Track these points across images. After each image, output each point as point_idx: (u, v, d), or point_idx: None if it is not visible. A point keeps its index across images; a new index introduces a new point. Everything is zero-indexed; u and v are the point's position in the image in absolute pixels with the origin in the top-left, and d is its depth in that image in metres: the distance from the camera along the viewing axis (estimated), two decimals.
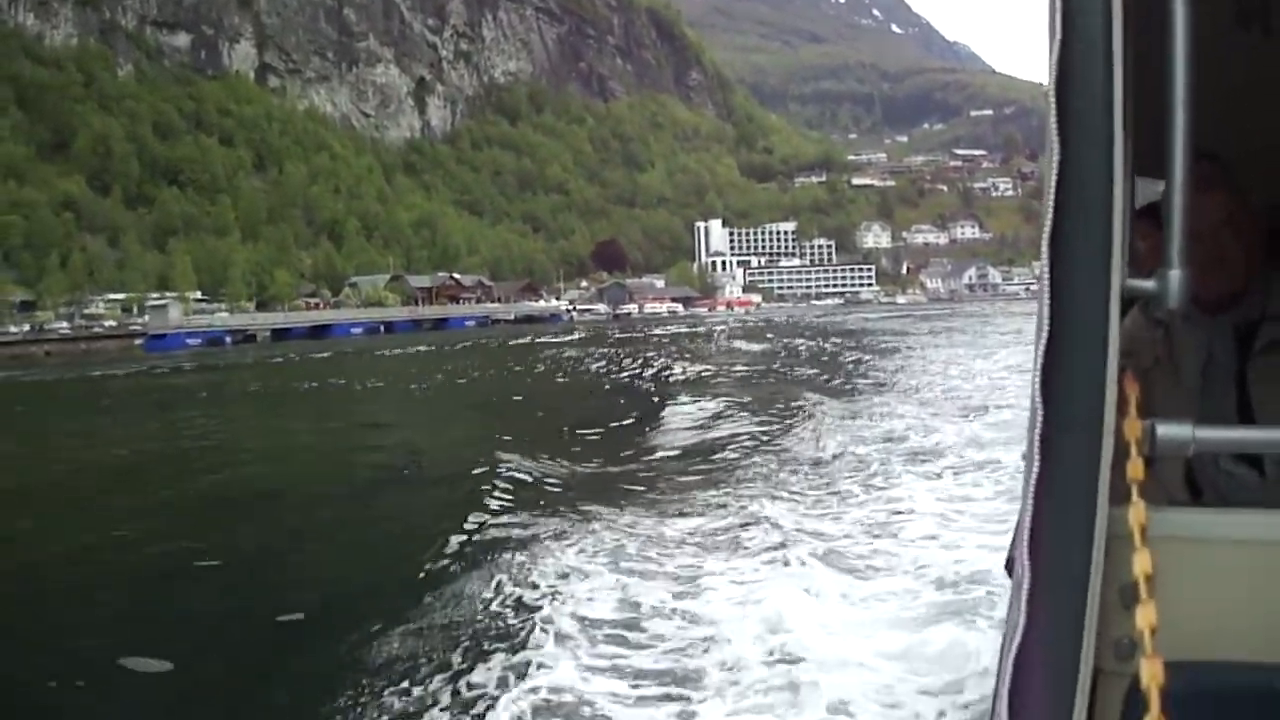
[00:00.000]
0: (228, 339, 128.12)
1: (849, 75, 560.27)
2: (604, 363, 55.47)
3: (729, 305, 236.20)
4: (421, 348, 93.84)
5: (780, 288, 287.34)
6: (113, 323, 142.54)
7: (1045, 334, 1.75)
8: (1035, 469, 1.78)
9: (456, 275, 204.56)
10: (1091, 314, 1.77)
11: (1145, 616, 1.67)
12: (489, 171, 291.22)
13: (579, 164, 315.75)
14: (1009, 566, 3.02)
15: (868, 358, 48.57)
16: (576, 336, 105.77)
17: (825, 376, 37.41)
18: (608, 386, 40.95)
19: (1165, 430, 1.93)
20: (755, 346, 65.89)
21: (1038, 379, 1.75)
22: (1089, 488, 1.78)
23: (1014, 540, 3.08)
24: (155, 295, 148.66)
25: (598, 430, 24.35)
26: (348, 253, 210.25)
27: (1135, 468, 1.87)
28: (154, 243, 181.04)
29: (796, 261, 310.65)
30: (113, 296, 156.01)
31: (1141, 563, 1.73)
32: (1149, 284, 1.93)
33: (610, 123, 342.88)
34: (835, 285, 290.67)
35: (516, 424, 27.29)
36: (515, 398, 37.88)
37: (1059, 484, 1.79)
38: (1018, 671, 1.72)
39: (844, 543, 10.71)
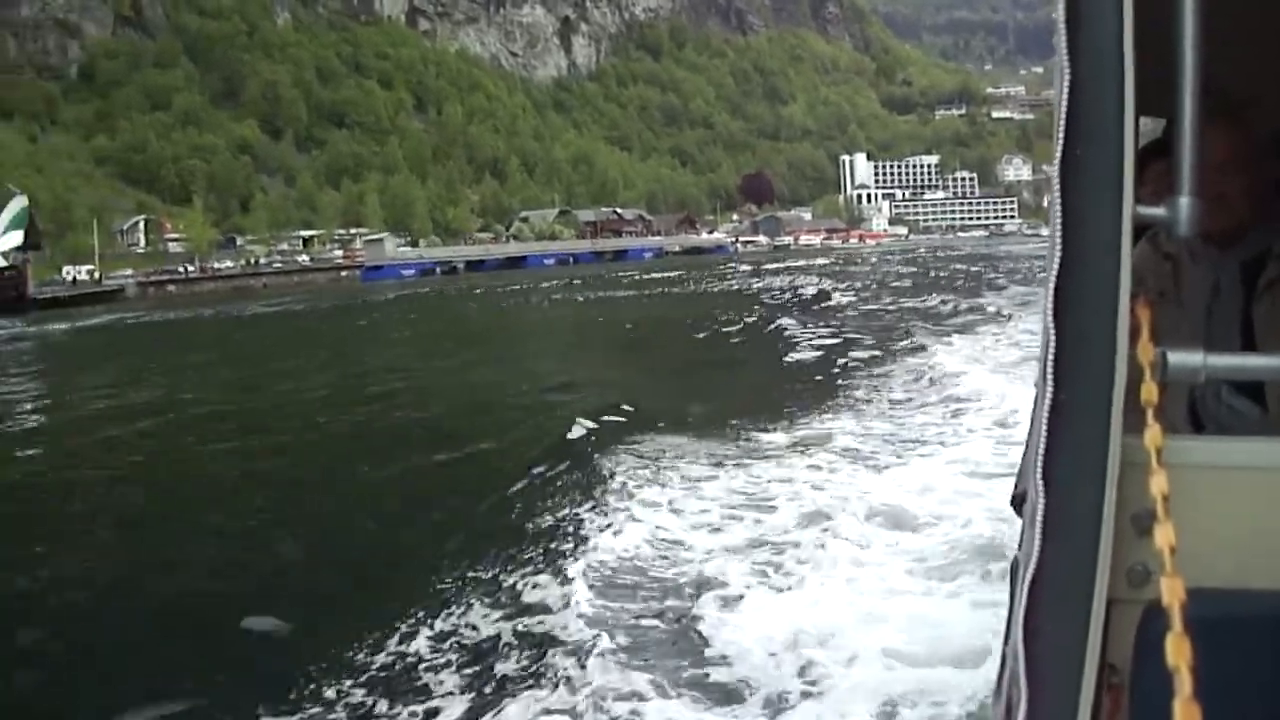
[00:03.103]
0: (438, 269, 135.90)
1: (983, 4, 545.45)
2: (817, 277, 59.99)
3: (875, 238, 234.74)
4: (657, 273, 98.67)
5: (925, 220, 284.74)
6: (341, 254, 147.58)
7: (1057, 259, 1.77)
8: (1048, 395, 1.79)
9: (618, 210, 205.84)
10: (1104, 239, 1.78)
11: (1164, 536, 1.64)
12: (635, 107, 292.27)
13: (722, 98, 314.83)
14: (1015, 503, 2.99)
15: None
16: (787, 265, 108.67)
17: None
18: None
19: (1176, 357, 1.93)
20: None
21: (1050, 304, 1.77)
22: (1102, 413, 1.79)
23: (1019, 475, 3.19)
24: (341, 230, 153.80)
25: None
26: (511, 189, 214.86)
27: (1149, 391, 1.87)
28: (328, 182, 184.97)
29: (940, 194, 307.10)
30: (303, 233, 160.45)
31: (1159, 484, 1.71)
32: (1159, 211, 1.93)
33: (751, 56, 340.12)
34: (979, 218, 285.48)
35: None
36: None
37: (1072, 410, 1.79)
38: (1032, 600, 1.72)
39: None
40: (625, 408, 17.57)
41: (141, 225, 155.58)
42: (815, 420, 16.17)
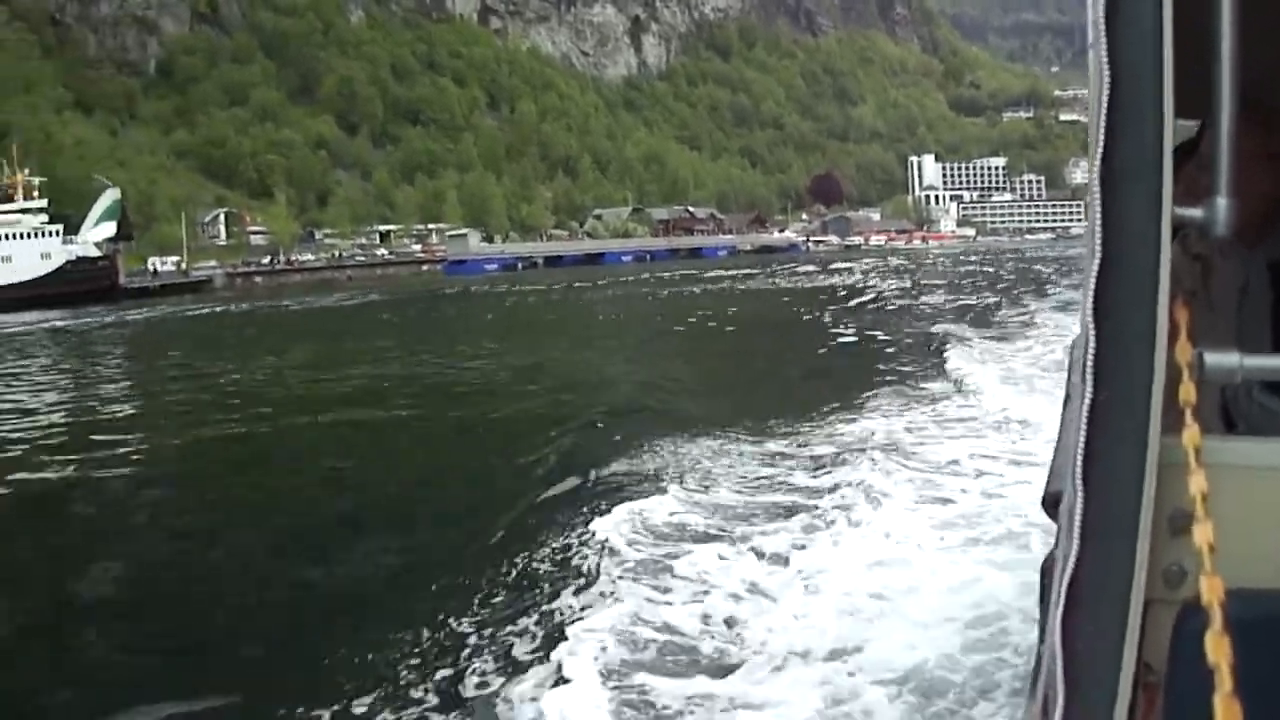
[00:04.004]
0: (519, 264, 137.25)
1: (1049, 5, 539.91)
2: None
3: (939, 239, 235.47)
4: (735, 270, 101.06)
5: (992, 222, 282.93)
6: (419, 248, 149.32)
7: (1097, 259, 1.76)
8: (1087, 395, 1.78)
9: (690, 208, 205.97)
10: (1143, 241, 1.77)
11: (1204, 535, 1.64)
12: (705, 107, 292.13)
13: (791, 99, 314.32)
14: (1046, 503, 2.97)
15: None
16: (854, 265, 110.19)
17: None
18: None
19: (1213, 358, 1.92)
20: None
21: (1089, 305, 1.75)
22: (1141, 413, 1.78)
23: (1050, 476, 3.16)
24: (419, 226, 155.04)
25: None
26: (583, 186, 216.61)
27: (1188, 391, 1.85)
28: (404, 178, 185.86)
29: (1008, 196, 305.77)
30: (381, 228, 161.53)
31: (1198, 483, 1.70)
32: (1195, 212, 1.91)
33: (820, 57, 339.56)
34: (1046, 220, 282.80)
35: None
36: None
37: (1111, 410, 1.78)
38: (1071, 599, 1.72)
39: None
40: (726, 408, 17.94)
41: (222, 218, 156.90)
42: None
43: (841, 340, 30.42)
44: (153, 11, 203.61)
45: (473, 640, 7.88)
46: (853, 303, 49.02)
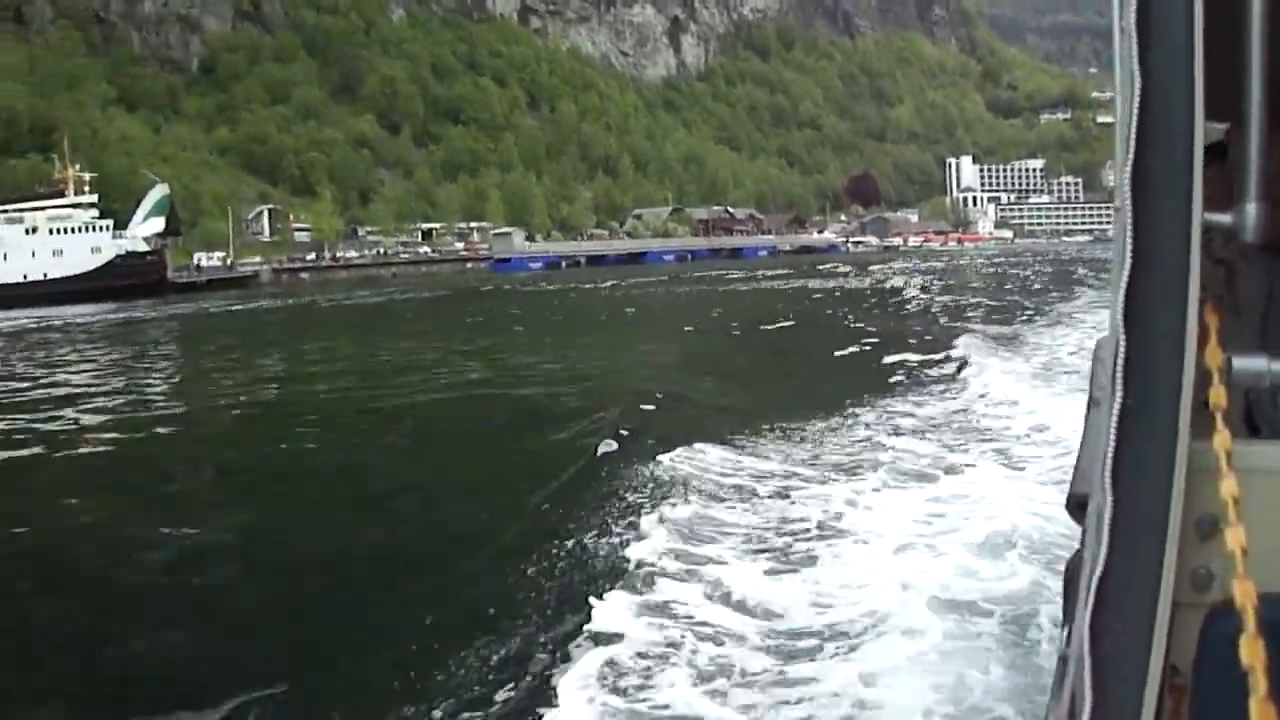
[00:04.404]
0: (563, 263, 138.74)
1: (1087, 6, 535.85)
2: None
3: (974, 240, 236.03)
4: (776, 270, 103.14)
5: (1030, 224, 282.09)
6: (462, 246, 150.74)
7: (1128, 265, 1.75)
8: (1117, 399, 1.78)
9: (730, 208, 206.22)
10: (1174, 245, 1.76)
11: (1235, 539, 1.64)
12: (744, 107, 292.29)
13: (829, 99, 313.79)
14: (1071, 507, 2.95)
15: None
16: (894, 265, 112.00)
17: None
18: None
19: (1241, 362, 1.91)
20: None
21: (1120, 309, 1.75)
22: (1171, 417, 1.78)
23: (1074, 479, 3.16)
24: (461, 224, 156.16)
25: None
26: (623, 186, 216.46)
27: (1218, 395, 1.85)
28: (445, 177, 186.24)
29: (1045, 198, 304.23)
30: (424, 225, 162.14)
31: (1229, 487, 1.69)
32: (1224, 217, 1.89)
33: (858, 58, 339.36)
34: (1083, 222, 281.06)
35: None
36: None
37: (1141, 414, 1.78)
38: (1099, 601, 1.72)
39: None
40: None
41: (265, 214, 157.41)
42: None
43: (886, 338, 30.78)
44: (196, 9, 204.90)
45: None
46: (901, 302, 50.70)
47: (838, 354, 27.68)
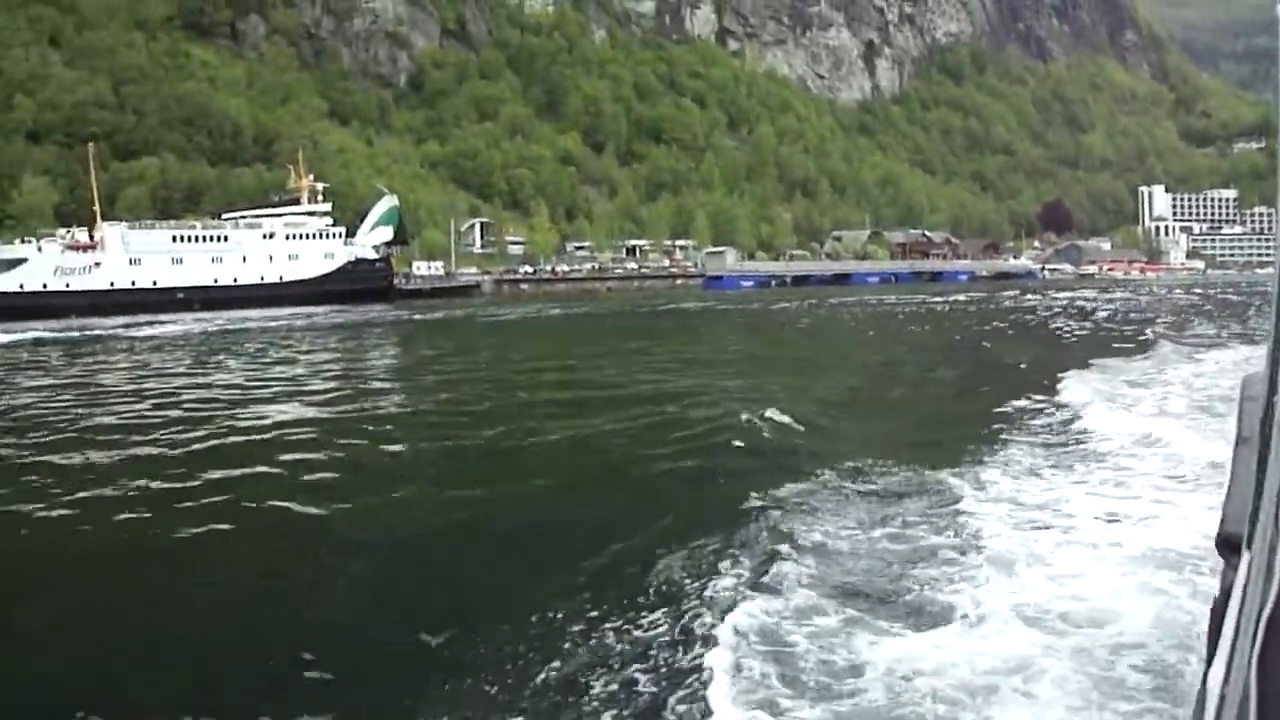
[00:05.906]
0: (772, 282, 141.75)
1: None
2: None
3: (1157, 270, 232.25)
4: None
5: (1222, 255, 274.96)
6: (669, 263, 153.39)
7: None
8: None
9: (927, 232, 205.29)
10: None
11: None
12: (937, 131, 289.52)
13: (1022, 124, 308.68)
14: (1221, 545, 2.84)
15: None
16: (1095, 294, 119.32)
17: None
18: None
19: None
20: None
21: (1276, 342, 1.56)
22: None
23: (1224, 517, 2.95)
24: (669, 242, 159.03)
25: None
26: (821, 208, 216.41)
27: None
28: (648, 196, 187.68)
29: (1239, 229, 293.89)
30: (630, 242, 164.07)
31: None
32: None
33: (1050, 84, 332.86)
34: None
35: None
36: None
37: None
38: (1269, 639, 1.65)
39: None
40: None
41: (478, 227, 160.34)
42: None
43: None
44: (404, 27, 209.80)
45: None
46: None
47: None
